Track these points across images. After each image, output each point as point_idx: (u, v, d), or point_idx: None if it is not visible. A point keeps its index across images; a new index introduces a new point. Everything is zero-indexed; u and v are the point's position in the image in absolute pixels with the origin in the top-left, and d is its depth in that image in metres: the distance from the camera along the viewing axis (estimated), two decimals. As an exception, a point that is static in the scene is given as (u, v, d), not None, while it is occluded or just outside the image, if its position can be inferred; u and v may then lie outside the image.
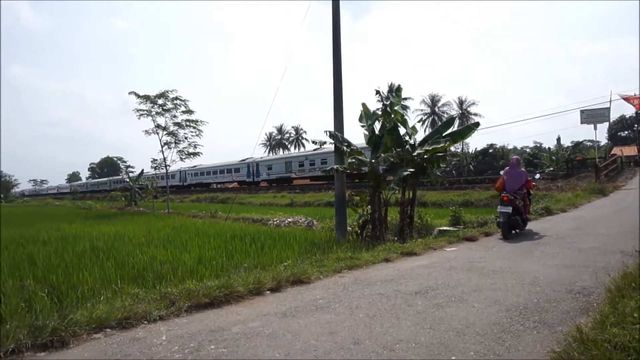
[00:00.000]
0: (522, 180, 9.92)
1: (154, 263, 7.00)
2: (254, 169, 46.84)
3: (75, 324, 3.87)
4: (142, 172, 38.92)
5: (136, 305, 4.45)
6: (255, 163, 46.50)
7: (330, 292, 5.19)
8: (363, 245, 8.88)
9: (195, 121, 26.83)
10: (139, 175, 38.26)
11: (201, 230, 12.05)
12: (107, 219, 18.39)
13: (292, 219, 15.65)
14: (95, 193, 74.71)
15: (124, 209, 31.50)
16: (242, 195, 36.27)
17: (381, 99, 56.82)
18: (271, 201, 30.62)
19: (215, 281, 5.30)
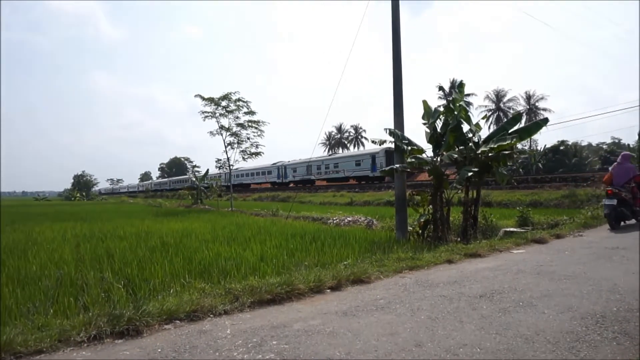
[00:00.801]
0: (630, 175, 10.17)
1: (219, 259, 7.26)
2: (283, 172, 52.36)
3: (148, 315, 4.11)
4: (207, 172, 40.49)
5: (203, 299, 4.64)
6: (283, 166, 52.08)
7: (390, 293, 5.13)
8: (424, 245, 8.71)
9: (257, 122, 27.55)
10: (204, 175, 39.88)
11: (263, 228, 12.35)
12: (176, 216, 19.34)
13: (352, 218, 15.62)
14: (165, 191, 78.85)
15: (190, 206, 32.98)
16: (302, 195, 36.76)
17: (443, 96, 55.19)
18: (330, 200, 30.78)
19: (276, 278, 5.40)
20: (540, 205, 18.70)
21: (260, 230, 11.78)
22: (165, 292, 5.14)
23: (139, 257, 7.61)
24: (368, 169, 41.03)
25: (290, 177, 51.38)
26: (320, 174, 46.85)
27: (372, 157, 40.64)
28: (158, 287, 5.51)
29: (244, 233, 11.20)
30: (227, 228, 12.76)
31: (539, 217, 13.07)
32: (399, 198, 10.54)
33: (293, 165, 50.99)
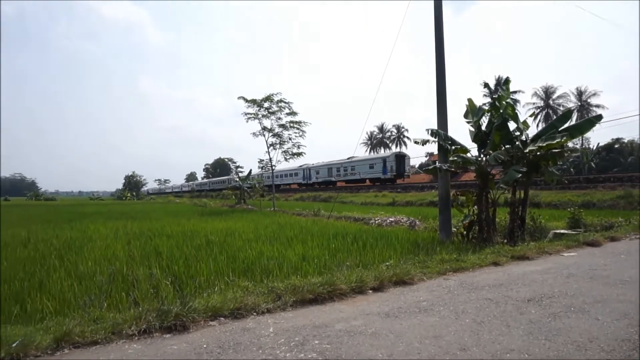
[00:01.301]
0: None
1: (262, 258, 7.39)
2: (308, 174, 56.57)
3: (194, 311, 4.24)
4: (250, 172, 41.29)
5: (246, 297, 4.73)
6: (308, 169, 56.29)
7: (434, 295, 5.05)
8: (469, 247, 8.52)
9: (298, 122, 27.78)
10: (247, 175, 40.66)
11: (305, 228, 12.45)
12: (220, 216, 19.83)
13: (394, 218, 15.46)
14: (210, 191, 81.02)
15: (234, 206, 33.70)
16: (343, 195, 36.75)
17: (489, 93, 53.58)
18: (372, 200, 30.59)
19: (318, 278, 5.43)
20: (593, 206, 17.79)
21: (302, 230, 11.89)
22: (210, 290, 5.28)
23: (185, 255, 7.86)
24: (380, 172, 44.75)
25: (313, 179, 55.43)
26: (339, 176, 51.23)
27: (384, 161, 44.67)
28: (203, 284, 5.67)
29: (286, 233, 11.34)
30: (270, 228, 12.95)
31: (591, 218, 12.45)
32: (442, 198, 10.34)
33: (316, 168, 55.05)
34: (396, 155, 44.32)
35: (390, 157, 43.99)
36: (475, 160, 10.02)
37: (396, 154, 44.85)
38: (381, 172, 44.53)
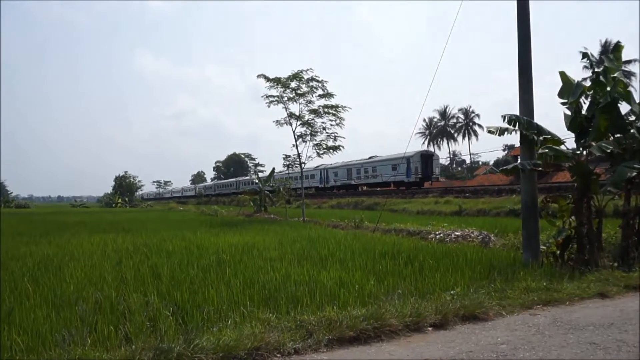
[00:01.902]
0: None
1: (288, 283, 7.39)
2: (325, 175, 59.96)
3: (201, 351, 4.28)
4: (272, 172, 41.61)
5: (268, 333, 4.74)
6: (325, 170, 59.23)
7: (517, 335, 4.92)
8: (564, 272, 8.29)
9: (335, 107, 27.75)
10: (269, 176, 40.99)
11: (343, 244, 12.41)
12: (234, 227, 20.06)
13: (461, 232, 15.23)
14: (221, 196, 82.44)
15: (252, 215, 34.08)
16: (394, 200, 36.54)
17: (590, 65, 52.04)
18: (432, 208, 30.27)
19: (361, 310, 5.38)
20: None
21: (339, 247, 11.85)
22: (222, 323, 5.31)
23: (191, 278, 7.96)
24: (404, 174, 47.54)
25: (332, 182, 59.13)
26: (359, 178, 54.73)
27: (407, 162, 46.75)
28: (213, 316, 5.72)
29: (319, 250, 11.33)
30: (298, 243, 12.98)
31: None
32: (527, 206, 10.08)
33: (335, 169, 57.99)
34: (422, 154, 47.23)
35: (415, 157, 46.59)
36: (572, 155, 9.73)
37: (422, 153, 47.74)
38: (405, 175, 47.50)
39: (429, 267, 8.71)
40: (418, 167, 46.43)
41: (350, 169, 55.92)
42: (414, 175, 46.49)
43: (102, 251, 12.21)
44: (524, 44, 10.22)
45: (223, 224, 23.72)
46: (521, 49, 10.23)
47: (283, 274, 8.19)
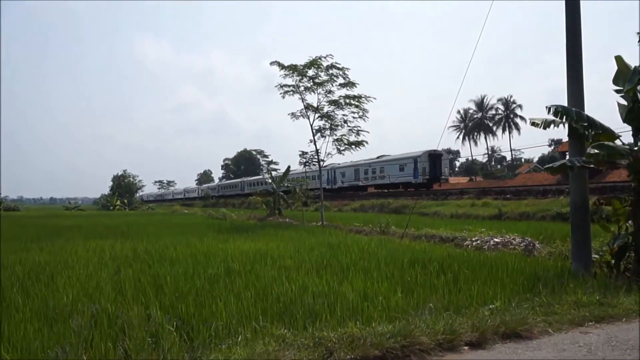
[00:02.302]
0: None
1: (305, 295, 7.40)
2: (332, 176, 62.55)
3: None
4: (287, 171, 41.71)
5: (282, 351, 4.75)
6: (333, 170, 61.42)
7: (565, 356, 4.89)
8: (620, 284, 8.20)
9: (358, 97, 27.66)
10: (284, 175, 41.11)
11: (367, 252, 12.40)
12: (245, 233, 20.10)
13: (501, 238, 15.11)
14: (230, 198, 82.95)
15: (265, 219, 34.20)
16: (424, 203, 36.39)
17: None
18: (468, 211, 30.06)
19: (387, 326, 5.37)
20: None
21: (363, 255, 11.85)
22: (232, 340, 5.35)
23: (197, 290, 8.01)
24: (411, 175, 50.18)
25: (339, 183, 62.13)
26: (367, 180, 57.64)
27: (414, 161, 49.71)
28: (222, 332, 5.75)
29: (340, 258, 11.34)
30: (317, 250, 13.00)
31: None
32: (576, 209, 9.98)
33: (342, 169, 60.77)
34: (429, 154, 48.87)
35: (422, 157, 49.12)
36: (630, 151, 9.59)
37: (429, 152, 48.93)
38: (412, 175, 50.30)
39: (465, 278, 8.67)
40: (426, 168, 48.76)
41: (358, 169, 58.38)
42: (421, 176, 48.38)
43: (98, 259, 12.33)
44: (573, 24, 10.11)
45: (232, 228, 23.81)
46: (570, 30, 10.12)
47: (300, 285, 8.20)
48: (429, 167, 48.85)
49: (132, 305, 6.98)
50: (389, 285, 8.11)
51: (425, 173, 48.46)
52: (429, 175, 48.51)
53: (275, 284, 8.28)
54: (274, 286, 8.11)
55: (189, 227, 25.65)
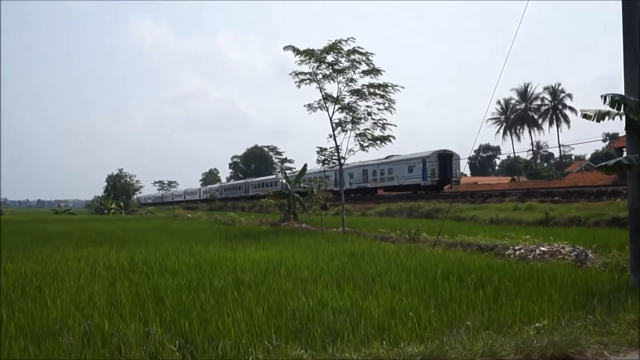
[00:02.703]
0: None
1: (324, 311, 7.39)
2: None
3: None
4: (304, 170, 41.62)
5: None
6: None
7: (623, 382, 4.80)
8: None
9: (383, 86, 27.54)
10: (299, 174, 41.03)
11: (395, 262, 12.39)
12: (256, 240, 20.15)
13: (549, 247, 14.97)
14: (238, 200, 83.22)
15: (279, 224, 34.19)
16: (460, 206, 36.20)
17: None
18: (510, 216, 29.83)
19: (418, 347, 5.35)
20: None
21: (390, 266, 11.84)
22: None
23: (202, 304, 8.04)
24: (420, 176, 52.64)
25: (347, 185, 61.63)
26: (375, 181, 60.62)
27: (423, 162, 52.14)
28: (230, 352, 5.75)
29: (363, 269, 11.33)
30: (337, 260, 12.99)
31: None
32: (635, 213, 9.87)
33: (350, 170, 62.13)
34: (439, 154, 51.70)
35: (432, 157, 51.69)
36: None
37: (439, 152, 51.81)
38: (421, 177, 52.81)
39: (507, 293, 8.62)
40: (435, 169, 51.19)
41: (366, 170, 61.01)
42: (430, 177, 50.41)
43: (91, 269, 12.42)
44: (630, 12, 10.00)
45: (242, 235, 23.89)
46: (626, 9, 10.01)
47: (318, 299, 8.19)
48: (439, 168, 50.97)
49: (129, 322, 7.01)
50: (420, 301, 8.09)
51: (434, 174, 50.39)
52: (439, 176, 50.46)
53: (290, 298, 8.28)
54: (289, 300, 8.11)
55: (193, 233, 25.76)
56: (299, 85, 28.34)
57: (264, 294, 8.76)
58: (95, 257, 14.77)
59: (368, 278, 10.21)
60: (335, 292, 8.77)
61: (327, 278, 10.28)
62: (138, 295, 8.92)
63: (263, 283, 9.81)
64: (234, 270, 11.43)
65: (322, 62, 27.50)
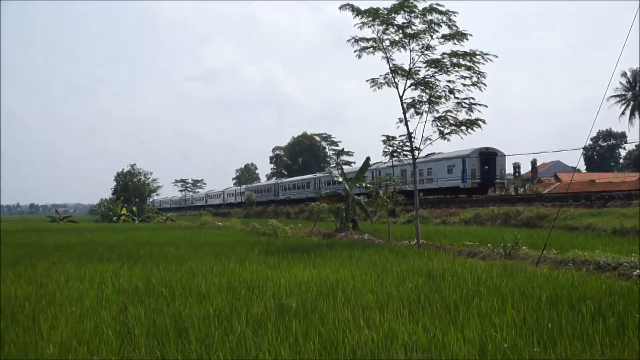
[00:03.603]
0: None
1: (393, 347, 7.37)
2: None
3: None
4: (366, 164, 41.37)
5: None
6: (378, 171, 67.91)
7: None
8: None
9: (470, 55, 27.12)
10: (361, 170, 40.83)
11: (485, 284, 12.29)
12: (305, 255, 20.08)
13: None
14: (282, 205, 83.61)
15: (334, 235, 34.17)
16: (571, 212, 35.61)
17: None
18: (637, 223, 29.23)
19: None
20: None
21: (479, 289, 11.74)
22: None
23: (236, 337, 8.08)
24: (459, 178, 56.88)
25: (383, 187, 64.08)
26: None
27: (462, 162, 56.32)
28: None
29: (444, 294, 11.25)
30: (410, 282, 12.94)
31: None
32: None
33: (387, 170, 66.19)
34: (481, 152, 56.28)
35: (472, 156, 55.72)
36: None
37: (481, 150, 56.27)
38: (460, 178, 57.17)
39: (634, 325, 8.44)
40: (476, 169, 54.61)
41: (405, 170, 63.89)
42: (469, 179, 54.04)
43: (97, 291, 12.60)
44: None
45: (287, 248, 23.91)
46: None
47: (385, 332, 8.16)
48: (480, 168, 54.45)
49: (145, 358, 7.09)
50: (519, 335, 7.98)
51: (475, 176, 53.86)
52: (480, 178, 54.03)
53: (349, 331, 8.27)
54: (347, 333, 8.10)
55: (225, 246, 25.89)
56: (360, 54, 28.20)
57: (315, 324, 8.76)
58: (102, 276, 14.96)
59: (450, 305, 10.13)
60: (407, 324, 8.73)
61: (397, 305, 10.24)
62: (155, 326, 9.00)
63: (314, 311, 9.82)
64: (277, 294, 11.47)
65: (389, 25, 27.31)
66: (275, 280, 13.56)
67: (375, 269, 15.39)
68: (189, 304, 10.71)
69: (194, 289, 12.61)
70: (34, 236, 37.92)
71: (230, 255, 20.57)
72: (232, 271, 15.49)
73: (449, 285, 12.27)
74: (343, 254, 20.30)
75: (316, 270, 15.33)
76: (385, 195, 36.06)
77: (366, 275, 14.19)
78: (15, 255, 22.28)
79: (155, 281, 13.82)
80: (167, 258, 20.03)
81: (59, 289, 12.89)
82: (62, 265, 18.09)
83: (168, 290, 12.40)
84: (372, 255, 19.97)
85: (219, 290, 12.33)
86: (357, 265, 16.68)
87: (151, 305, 10.70)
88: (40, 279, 14.80)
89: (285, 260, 18.21)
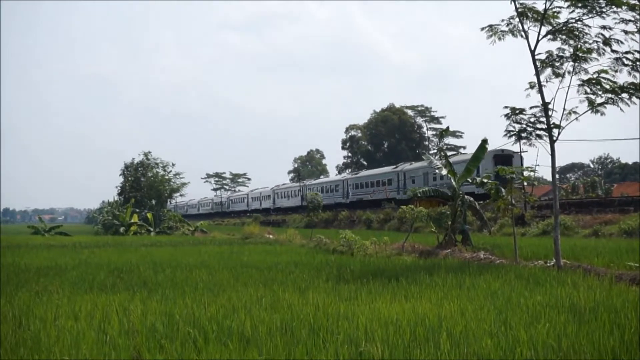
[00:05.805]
0: None
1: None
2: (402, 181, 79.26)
3: None
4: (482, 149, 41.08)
5: None
6: (403, 173, 76.36)
7: None
8: None
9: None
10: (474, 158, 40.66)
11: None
12: (393, 282, 20.12)
13: None
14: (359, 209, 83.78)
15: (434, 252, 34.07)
16: None
17: None
18: None
19: None
20: None
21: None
22: None
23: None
24: None
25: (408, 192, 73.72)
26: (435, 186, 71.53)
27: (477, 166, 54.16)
28: None
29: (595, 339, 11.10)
30: (545, 320, 12.83)
31: None
32: None
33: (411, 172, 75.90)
34: (495, 154, 66.36)
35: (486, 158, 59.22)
36: None
37: (495, 153, 65.60)
38: None
39: None
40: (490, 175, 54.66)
41: (427, 172, 72.01)
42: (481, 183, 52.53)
43: (98, 333, 12.66)
44: None
45: (367, 272, 23.91)
46: None
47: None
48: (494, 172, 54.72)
49: None
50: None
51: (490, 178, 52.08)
52: None
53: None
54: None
55: (279, 269, 25.98)
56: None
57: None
58: (105, 311, 15.06)
59: (605, 357, 10.04)
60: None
61: (528, 354, 10.19)
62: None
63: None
64: (354, 338, 11.48)
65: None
66: (350, 317, 13.56)
67: (495, 302, 15.33)
68: (227, 352, 10.77)
69: (234, 330, 12.65)
70: (10, 255, 38.22)
71: (286, 283, 20.67)
72: (289, 305, 15.54)
73: (604, 325, 12.16)
74: (448, 281, 20.29)
75: (410, 304, 15.32)
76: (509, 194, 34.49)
77: (482, 311, 14.14)
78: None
79: (180, 319, 13.88)
80: (196, 286, 20.16)
81: (44, 330, 12.93)
82: (49, 295, 18.26)
83: (198, 332, 12.45)
84: (491, 282, 19.91)
85: (269, 332, 12.35)
86: (469, 296, 16.65)
87: (175, 354, 10.77)
88: (19, 315, 14.92)
89: (365, 290, 18.24)
